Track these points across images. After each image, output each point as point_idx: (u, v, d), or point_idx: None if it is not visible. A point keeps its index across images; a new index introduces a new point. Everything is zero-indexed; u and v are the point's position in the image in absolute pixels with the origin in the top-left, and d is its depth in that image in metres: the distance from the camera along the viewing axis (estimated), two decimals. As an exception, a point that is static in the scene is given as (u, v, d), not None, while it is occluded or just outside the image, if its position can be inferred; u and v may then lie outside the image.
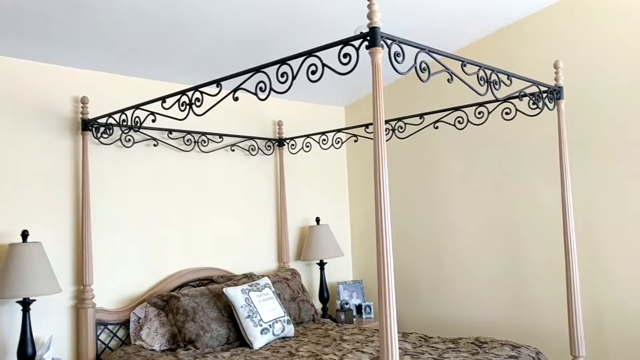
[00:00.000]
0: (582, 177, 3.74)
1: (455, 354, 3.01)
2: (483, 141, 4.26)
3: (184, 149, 3.99)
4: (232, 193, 4.28)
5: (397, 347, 1.91)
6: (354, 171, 5.15)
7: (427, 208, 4.61)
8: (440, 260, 4.52)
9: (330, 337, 3.56)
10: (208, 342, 3.36)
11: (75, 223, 3.43)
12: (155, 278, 3.79)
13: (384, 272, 1.93)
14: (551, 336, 3.85)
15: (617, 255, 3.64)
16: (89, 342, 3.34)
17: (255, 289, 3.63)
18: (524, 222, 4.06)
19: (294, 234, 4.71)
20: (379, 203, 1.98)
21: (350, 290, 4.84)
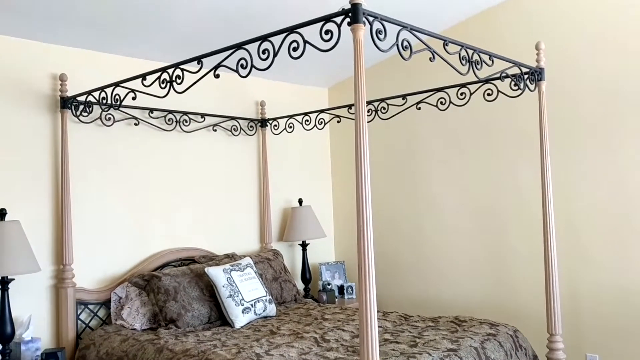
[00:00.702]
0: (562, 159, 3.78)
1: (435, 332, 3.05)
2: (465, 123, 4.28)
3: (165, 128, 3.95)
4: (214, 174, 4.26)
5: (377, 324, 1.93)
6: (336, 153, 5.15)
7: (409, 189, 4.63)
8: (421, 242, 4.56)
9: (311, 317, 3.58)
10: (189, 322, 3.36)
11: (55, 202, 3.40)
12: (137, 258, 3.77)
13: (364, 251, 1.94)
14: (529, 315, 3.91)
15: (594, 237, 3.70)
16: (69, 322, 3.32)
17: (237, 268, 3.63)
18: (505, 203, 4.10)
19: (277, 215, 4.71)
20: (360, 184, 1.99)
21: (332, 271, 4.87)
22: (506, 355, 2.90)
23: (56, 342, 3.33)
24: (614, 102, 3.60)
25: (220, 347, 2.90)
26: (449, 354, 2.65)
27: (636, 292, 3.53)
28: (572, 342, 3.72)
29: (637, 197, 3.53)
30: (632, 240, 3.55)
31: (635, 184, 3.54)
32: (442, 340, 2.85)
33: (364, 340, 1.91)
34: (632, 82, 3.53)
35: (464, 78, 3.42)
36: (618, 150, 3.60)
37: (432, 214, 4.50)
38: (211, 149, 4.25)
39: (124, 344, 3.13)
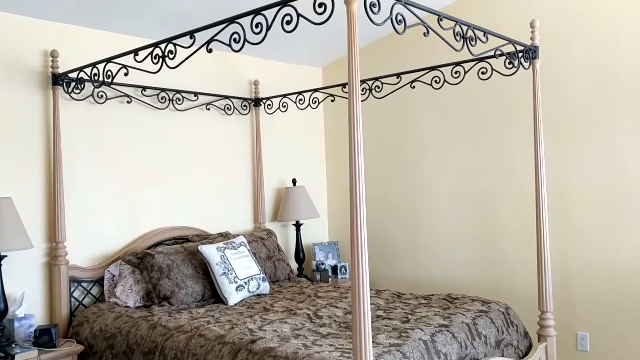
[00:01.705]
0: (555, 139, 3.79)
1: (427, 308, 3.07)
2: (459, 104, 4.27)
3: (158, 106, 3.93)
4: (207, 153, 4.24)
5: (369, 301, 1.94)
6: (330, 132, 5.14)
7: (402, 169, 4.63)
8: (414, 221, 4.57)
9: (305, 294, 3.60)
10: (183, 299, 3.37)
11: (47, 180, 3.38)
12: (130, 236, 3.76)
13: (357, 230, 1.93)
14: (521, 294, 3.94)
15: (586, 217, 3.72)
16: (63, 299, 3.32)
17: (230, 247, 3.63)
18: (497, 183, 4.11)
19: (270, 195, 4.71)
20: (353, 163, 1.97)
21: (325, 251, 4.88)
22: (497, 331, 2.93)
23: (49, 319, 3.34)
24: (608, 82, 3.60)
25: (214, 323, 2.91)
26: (440, 330, 2.67)
27: (627, 271, 3.56)
28: (563, 321, 3.75)
29: (629, 177, 3.55)
30: (623, 219, 3.57)
31: (627, 164, 3.55)
32: (434, 317, 2.87)
33: (357, 316, 1.92)
34: (626, 63, 3.53)
35: (459, 56, 3.40)
36: (611, 130, 3.61)
37: (425, 194, 4.50)
38: (204, 128, 4.23)
39: (117, 320, 3.14)
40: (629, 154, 3.55)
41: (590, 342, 3.71)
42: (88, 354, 3.13)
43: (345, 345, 2.48)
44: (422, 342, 2.51)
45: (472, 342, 2.73)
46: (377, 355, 2.31)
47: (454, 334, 2.67)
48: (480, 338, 2.79)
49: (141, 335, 2.93)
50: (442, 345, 2.56)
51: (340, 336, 2.64)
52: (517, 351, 3.03)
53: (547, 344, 3.09)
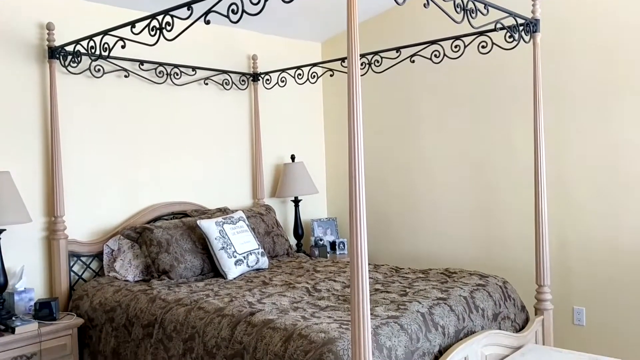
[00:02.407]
0: (554, 114, 3.77)
1: (425, 282, 3.09)
2: (459, 79, 4.25)
3: (156, 81, 3.90)
4: (205, 128, 4.22)
5: (367, 274, 1.94)
6: (329, 108, 5.11)
7: (401, 145, 4.62)
8: (413, 197, 4.58)
9: (303, 269, 3.62)
10: (182, 273, 3.38)
11: (45, 154, 3.37)
12: (129, 211, 3.76)
13: (356, 202, 1.92)
14: (518, 269, 3.96)
15: (585, 192, 3.72)
16: (62, 273, 3.34)
17: (229, 221, 3.64)
18: (496, 158, 4.10)
19: (269, 171, 4.70)
20: (352, 138, 1.95)
21: (324, 227, 4.89)
22: (495, 304, 2.95)
23: (49, 293, 3.35)
24: (609, 57, 3.57)
25: (213, 296, 2.93)
26: (438, 302, 2.69)
27: (624, 247, 3.58)
28: (559, 295, 3.78)
29: (628, 153, 3.54)
30: (621, 195, 3.58)
31: (627, 140, 3.54)
32: (432, 290, 2.89)
33: (355, 288, 1.92)
34: (627, 38, 3.50)
35: (459, 30, 3.37)
36: (611, 105, 3.59)
37: (423, 170, 4.50)
38: (202, 103, 4.21)
39: (117, 294, 3.15)
40: (628, 130, 3.53)
41: (586, 316, 3.74)
42: (88, 327, 3.16)
43: (343, 317, 2.50)
44: (420, 314, 2.53)
45: (470, 315, 2.75)
46: (375, 327, 2.33)
47: (451, 306, 2.69)
48: (477, 311, 2.81)
49: (141, 308, 2.95)
50: (440, 318, 2.58)
51: (338, 309, 2.66)
52: (514, 324, 3.05)
53: (543, 318, 3.12)
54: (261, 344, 2.35)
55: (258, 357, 2.33)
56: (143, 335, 2.87)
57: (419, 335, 2.43)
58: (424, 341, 2.43)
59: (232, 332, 2.49)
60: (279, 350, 2.28)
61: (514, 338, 2.84)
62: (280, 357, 2.25)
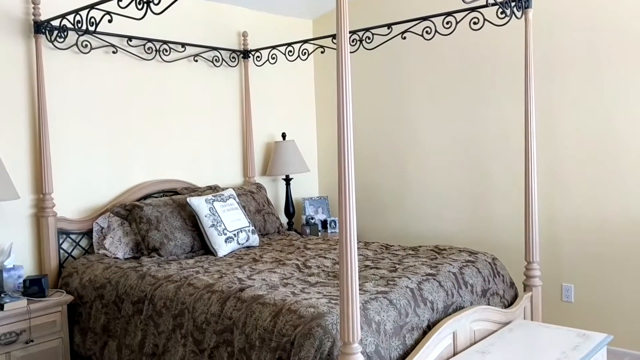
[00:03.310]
0: (546, 92, 3.76)
1: (415, 259, 3.10)
2: (450, 57, 4.22)
3: (144, 57, 3.85)
4: (195, 106, 4.18)
5: (357, 251, 1.94)
6: (320, 86, 5.08)
7: (392, 123, 4.61)
8: (403, 175, 4.58)
9: (294, 246, 3.62)
10: (172, 250, 3.38)
11: (32, 131, 3.33)
12: (118, 189, 3.74)
13: (346, 181, 1.91)
14: (507, 247, 3.98)
15: (575, 170, 3.73)
16: (51, 250, 3.32)
17: (219, 199, 3.63)
18: (487, 137, 4.10)
19: (260, 149, 4.68)
20: (341, 116, 1.94)
21: (315, 206, 4.89)
22: (484, 281, 2.96)
23: (38, 270, 3.34)
24: (600, 33, 3.56)
25: (203, 273, 2.93)
26: (427, 278, 2.70)
27: (612, 225, 3.60)
28: (548, 273, 3.80)
29: (619, 131, 3.55)
30: (611, 174, 3.59)
31: (618, 118, 3.54)
32: (421, 266, 2.90)
33: (344, 263, 1.92)
34: (619, 13, 3.48)
35: (450, 6, 3.34)
36: (602, 84, 3.58)
37: (414, 148, 4.49)
38: (192, 80, 4.17)
39: (106, 271, 3.15)
40: (619, 109, 3.53)
41: (574, 293, 3.77)
42: (78, 304, 3.15)
43: (333, 292, 2.50)
44: (409, 289, 2.54)
45: (459, 291, 2.76)
46: (365, 302, 2.34)
47: (440, 282, 2.70)
48: (466, 287, 2.82)
49: (130, 285, 2.95)
50: (429, 293, 2.60)
51: (328, 285, 2.66)
52: (503, 300, 3.08)
53: (532, 294, 3.14)
54: (250, 319, 2.36)
55: (247, 332, 2.34)
56: (133, 312, 2.87)
57: (407, 310, 2.44)
58: (412, 316, 2.44)
59: (221, 308, 2.49)
60: (268, 325, 2.28)
61: (503, 314, 2.86)
62: (270, 331, 2.26)
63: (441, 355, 2.43)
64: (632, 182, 3.52)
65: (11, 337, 2.85)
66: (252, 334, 2.32)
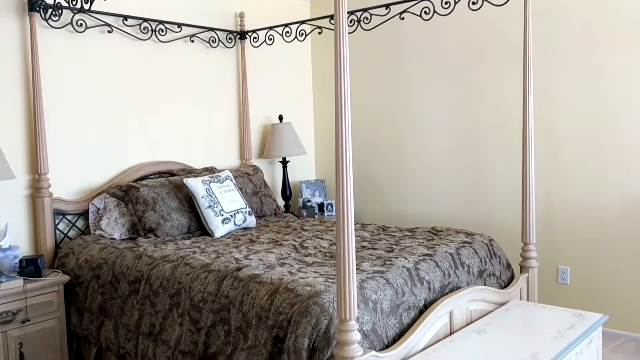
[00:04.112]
0: (544, 74, 3.75)
1: (412, 240, 3.10)
2: (449, 37, 4.19)
3: (140, 37, 3.81)
4: (191, 87, 4.15)
5: (353, 224, 1.93)
6: (318, 67, 5.04)
7: (389, 105, 4.59)
8: (400, 158, 4.57)
9: (291, 228, 3.61)
10: (169, 231, 3.37)
11: (27, 111, 3.30)
12: (114, 170, 3.72)
13: (343, 164, 1.90)
14: (504, 230, 3.98)
15: (572, 154, 3.72)
16: (47, 231, 3.31)
17: (216, 180, 3.61)
18: (484, 120, 4.09)
19: (257, 132, 4.66)
20: (339, 98, 1.91)
21: (312, 188, 4.88)
22: (480, 261, 2.97)
23: (34, 251, 3.33)
24: (600, 13, 3.53)
25: (200, 253, 2.92)
26: (424, 258, 2.70)
27: (608, 209, 3.60)
28: (544, 255, 3.81)
29: (616, 116, 3.53)
30: (608, 158, 3.58)
31: (616, 103, 3.53)
32: (418, 247, 2.90)
33: (341, 242, 1.92)
34: (619, -6, 3.46)
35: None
36: (601, 67, 3.56)
37: (411, 131, 4.48)
38: (188, 61, 4.13)
39: (103, 251, 3.14)
40: (617, 93, 3.52)
41: (570, 275, 3.78)
42: (74, 284, 3.15)
43: (330, 272, 2.50)
44: (406, 269, 2.54)
45: (455, 271, 2.77)
46: (361, 281, 2.33)
47: (437, 262, 2.70)
48: (463, 267, 2.82)
49: (127, 265, 2.94)
50: (426, 273, 2.60)
51: (325, 264, 2.66)
52: (499, 281, 3.08)
53: (528, 275, 3.15)
54: (247, 298, 2.35)
55: (244, 310, 2.34)
56: (129, 292, 2.87)
57: (404, 289, 2.44)
58: (409, 295, 2.45)
59: (218, 287, 2.49)
60: (265, 303, 2.28)
61: (499, 294, 2.87)
62: (267, 310, 2.26)
63: (438, 334, 2.44)
64: (629, 166, 3.51)
65: (7, 316, 2.84)
66: (249, 312, 2.32)
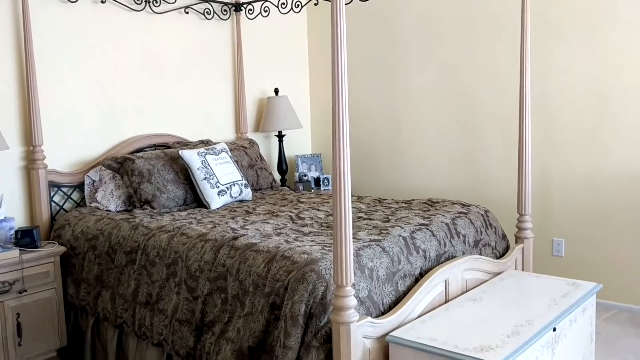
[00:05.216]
0: (542, 49, 3.72)
1: (408, 211, 3.10)
2: (447, 9, 4.16)
3: (134, 7, 3.76)
4: (186, 59, 4.11)
5: (350, 202, 1.94)
6: (314, 40, 5.00)
7: (386, 78, 4.56)
8: (398, 132, 4.56)
9: (287, 200, 3.61)
10: (164, 203, 3.37)
11: (20, 81, 3.26)
12: (109, 143, 3.70)
13: (340, 136, 1.89)
14: (500, 203, 3.99)
15: (569, 127, 3.72)
16: (43, 203, 3.30)
17: (211, 152, 3.60)
18: (482, 94, 4.07)
19: (252, 105, 4.63)
20: (336, 70, 1.89)
21: (308, 163, 4.87)
22: (476, 232, 2.98)
23: (30, 222, 3.33)
24: (599, -16, 3.51)
25: (196, 223, 2.92)
26: (420, 228, 2.71)
27: (604, 182, 3.61)
28: (539, 227, 3.83)
29: (612, 89, 3.53)
30: (605, 131, 3.58)
31: (612, 76, 3.52)
32: (414, 217, 2.90)
33: (338, 209, 1.92)
34: (618, -37, 3.43)
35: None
36: (598, 40, 3.55)
37: (408, 104, 4.46)
38: (183, 33, 4.08)
39: (99, 223, 3.14)
40: (613, 66, 3.51)
41: (565, 247, 3.81)
42: (71, 255, 3.15)
43: (326, 241, 2.51)
44: (402, 238, 2.55)
45: (451, 241, 2.78)
46: (358, 249, 2.34)
47: (433, 232, 2.71)
48: (459, 237, 2.84)
49: (123, 235, 2.94)
50: (421, 242, 2.61)
51: (321, 234, 2.67)
52: (495, 251, 3.10)
53: (524, 246, 3.16)
54: (244, 266, 2.36)
55: (241, 278, 2.35)
56: (126, 262, 2.87)
57: (400, 257, 2.45)
58: (405, 263, 2.46)
59: (215, 256, 2.50)
60: (261, 271, 2.29)
61: (494, 264, 2.89)
62: (263, 277, 2.27)
63: (433, 302, 2.46)
64: (624, 138, 3.52)
65: (4, 286, 2.85)
66: (245, 280, 2.33)
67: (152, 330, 2.66)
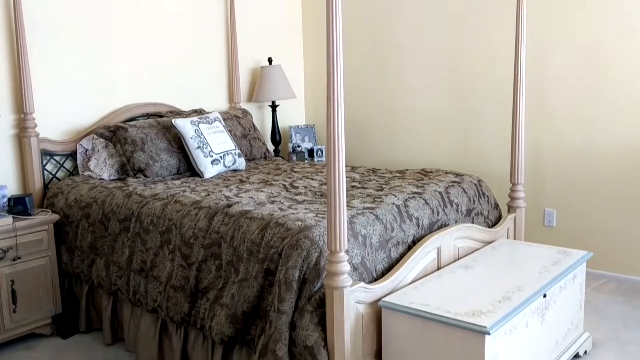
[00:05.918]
0: (537, 26, 3.70)
1: (401, 180, 3.11)
2: (442, -22, 4.12)
3: (125, -27, 3.70)
4: (179, 26, 4.06)
5: (344, 170, 1.94)
6: (308, 9, 4.94)
7: (380, 52, 4.52)
8: (391, 105, 4.54)
9: (281, 170, 3.62)
10: (158, 172, 3.36)
11: (10, 48, 3.22)
12: (102, 111, 3.67)
13: (334, 108, 1.88)
14: (493, 174, 3.98)
15: (562, 100, 3.72)
16: (35, 171, 3.29)
17: (205, 121, 3.58)
18: (476, 66, 4.05)
19: (246, 75, 4.59)
20: (331, 42, 1.87)
21: (302, 134, 4.86)
22: (469, 200, 3.00)
23: (23, 191, 3.32)
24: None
25: (190, 192, 2.92)
26: (414, 196, 2.72)
27: (596, 154, 3.62)
28: (532, 198, 3.85)
29: (610, 62, 3.51)
30: (598, 104, 3.58)
31: (609, 49, 3.50)
32: (407, 186, 2.91)
33: (332, 176, 1.92)
34: None
35: None
36: (592, 14, 3.52)
37: (402, 77, 4.43)
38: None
39: (92, 191, 3.13)
40: (608, 39, 3.49)
41: (556, 218, 3.84)
42: (64, 223, 3.15)
43: (320, 209, 2.52)
44: (395, 206, 2.56)
45: (444, 209, 2.79)
46: (351, 216, 2.35)
47: (426, 200, 2.72)
48: (451, 205, 2.85)
49: (117, 203, 2.94)
50: (415, 210, 2.62)
51: (315, 202, 2.68)
52: (487, 220, 3.12)
53: (516, 215, 3.19)
54: (238, 233, 2.37)
55: (235, 245, 2.36)
56: (120, 230, 2.88)
57: (393, 225, 2.47)
58: (398, 231, 2.47)
59: (209, 223, 2.50)
60: (255, 237, 2.30)
61: (487, 233, 2.91)
62: (257, 244, 2.28)
63: (425, 269, 2.48)
64: (616, 111, 3.52)
65: (-2, 254, 2.85)
66: (239, 246, 2.34)
67: (147, 296, 2.68)
